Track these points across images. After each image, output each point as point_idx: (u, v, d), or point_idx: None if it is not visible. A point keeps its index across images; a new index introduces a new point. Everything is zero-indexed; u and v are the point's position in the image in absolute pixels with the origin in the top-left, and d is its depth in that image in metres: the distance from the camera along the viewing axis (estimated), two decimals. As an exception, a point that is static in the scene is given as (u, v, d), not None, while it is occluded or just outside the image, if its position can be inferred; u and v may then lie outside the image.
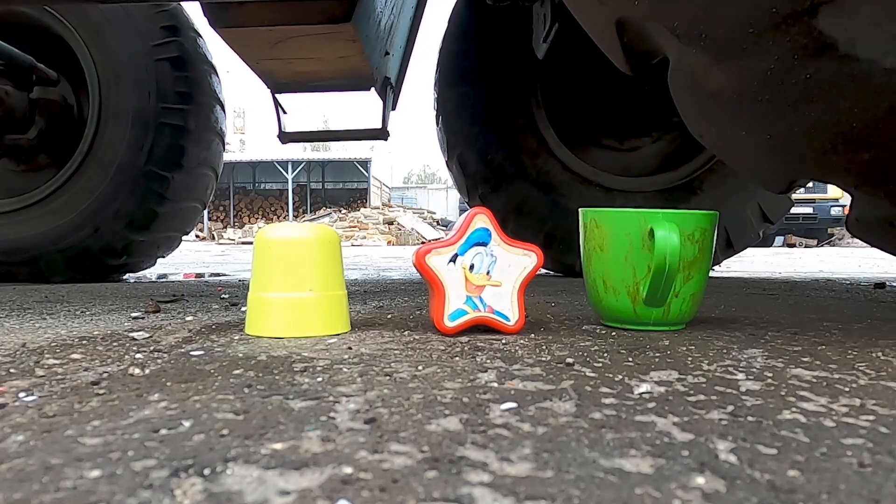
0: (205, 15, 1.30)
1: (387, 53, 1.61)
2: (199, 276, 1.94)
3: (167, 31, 1.51)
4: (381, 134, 1.73)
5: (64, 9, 1.47)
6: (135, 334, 0.62)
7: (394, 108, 1.77)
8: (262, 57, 1.44)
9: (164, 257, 1.73)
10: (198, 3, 1.31)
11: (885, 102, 0.63)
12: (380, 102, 1.71)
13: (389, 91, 1.71)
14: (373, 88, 1.65)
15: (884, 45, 0.61)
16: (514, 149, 1.67)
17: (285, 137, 1.73)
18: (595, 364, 0.48)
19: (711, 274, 0.74)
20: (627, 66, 0.85)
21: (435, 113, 1.78)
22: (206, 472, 0.26)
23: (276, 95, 1.68)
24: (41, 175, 1.55)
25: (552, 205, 1.64)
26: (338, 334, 0.62)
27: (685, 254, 0.61)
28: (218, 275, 1.99)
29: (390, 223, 10.90)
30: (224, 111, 1.67)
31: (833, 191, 8.18)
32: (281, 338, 0.59)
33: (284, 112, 1.72)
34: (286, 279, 0.61)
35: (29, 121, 1.54)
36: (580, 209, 0.69)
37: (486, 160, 1.68)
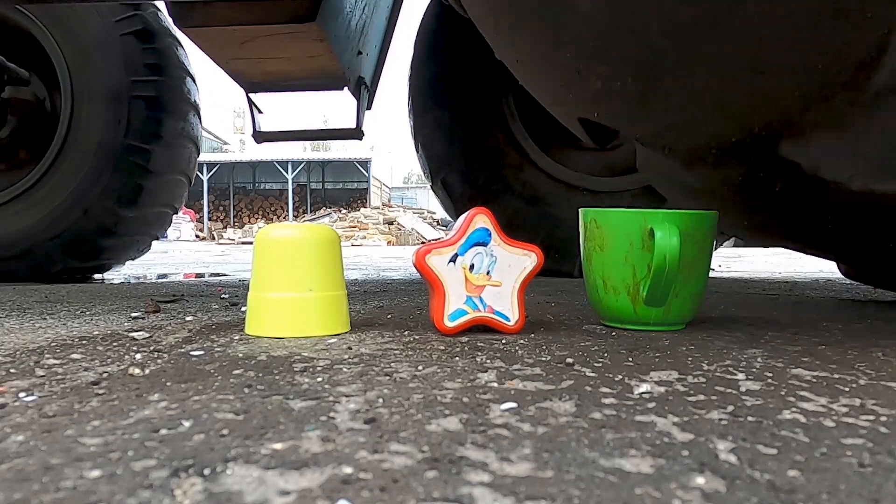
0: (169, 15, 1.31)
1: (360, 53, 1.60)
2: (199, 276, 1.94)
3: (128, 6, 1.51)
4: (355, 133, 1.73)
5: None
6: (135, 334, 0.62)
7: (369, 108, 1.77)
8: (230, 56, 1.45)
9: (158, 238, 1.73)
10: (163, 3, 1.33)
11: (857, 213, 0.66)
12: (366, 102, 1.71)
13: (364, 91, 1.70)
14: (346, 88, 1.65)
15: (847, 169, 0.62)
16: (497, 165, 1.66)
17: (260, 137, 1.74)
18: (595, 364, 0.48)
19: (711, 274, 0.75)
20: (593, 143, 0.88)
21: (413, 140, 1.77)
22: (206, 472, 0.26)
23: (251, 95, 1.69)
24: (24, 171, 1.56)
25: (542, 215, 1.63)
26: (338, 334, 0.62)
27: (685, 253, 0.61)
28: (218, 275, 1.99)
29: (390, 223, 10.90)
30: (195, 83, 1.68)
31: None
32: (281, 338, 0.59)
33: (260, 112, 1.73)
34: (286, 279, 0.61)
35: (0, 120, 1.54)
36: (580, 209, 0.69)
37: (470, 180, 1.67)
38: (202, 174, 15.40)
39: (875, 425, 0.33)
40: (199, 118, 1.69)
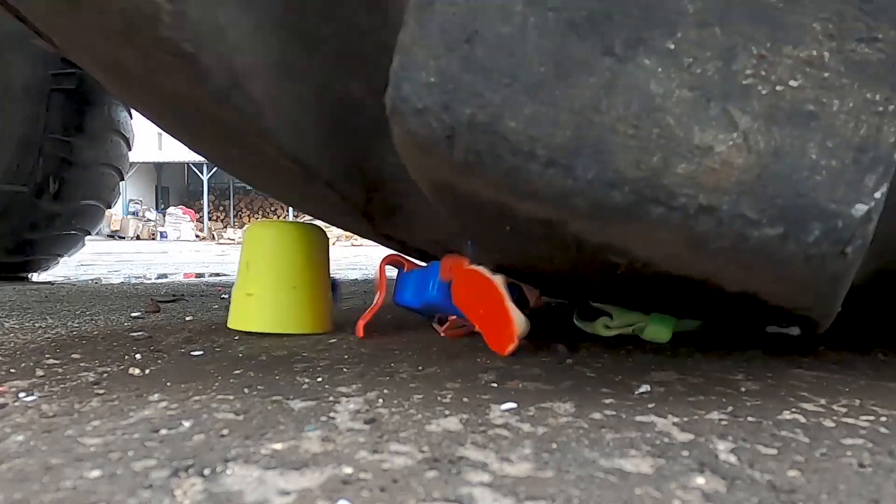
0: None
1: None
2: (199, 276, 1.94)
3: None
4: None
5: None
6: (135, 334, 0.62)
7: None
8: None
9: (119, 175, 1.73)
10: None
11: None
12: None
13: None
14: None
15: None
16: None
17: None
18: (595, 364, 0.48)
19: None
20: None
21: None
22: (206, 472, 0.26)
23: None
24: None
25: None
26: (337, 335, 0.62)
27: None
28: (218, 275, 1.99)
29: (390, 223, 10.88)
30: None
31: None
32: (280, 335, 0.59)
33: None
34: (270, 275, 0.61)
35: None
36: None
37: None
38: (202, 174, 15.40)
39: (875, 425, 0.33)
40: None
